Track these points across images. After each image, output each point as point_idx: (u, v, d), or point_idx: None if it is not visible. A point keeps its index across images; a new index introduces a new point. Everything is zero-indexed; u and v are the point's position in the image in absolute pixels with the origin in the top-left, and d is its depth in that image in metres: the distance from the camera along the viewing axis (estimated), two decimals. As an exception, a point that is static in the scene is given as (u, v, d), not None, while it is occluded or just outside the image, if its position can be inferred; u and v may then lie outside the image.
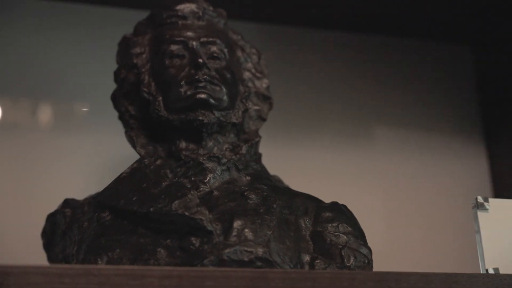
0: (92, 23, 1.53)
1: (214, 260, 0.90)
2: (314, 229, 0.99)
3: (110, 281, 0.78)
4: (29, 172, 1.45)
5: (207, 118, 1.04)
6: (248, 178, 1.04)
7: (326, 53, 1.67)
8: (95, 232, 0.98)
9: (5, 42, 1.49)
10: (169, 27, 1.10)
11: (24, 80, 1.49)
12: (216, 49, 1.09)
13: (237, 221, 0.93)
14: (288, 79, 1.61)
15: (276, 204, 0.98)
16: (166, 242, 0.94)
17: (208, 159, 1.02)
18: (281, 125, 1.55)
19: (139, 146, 1.07)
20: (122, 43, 1.15)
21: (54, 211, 1.10)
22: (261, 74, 1.15)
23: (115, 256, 0.93)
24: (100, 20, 1.53)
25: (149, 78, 1.09)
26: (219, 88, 1.05)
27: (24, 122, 1.51)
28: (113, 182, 1.03)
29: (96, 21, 1.53)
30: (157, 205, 0.96)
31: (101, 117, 1.50)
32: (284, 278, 0.84)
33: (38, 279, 0.77)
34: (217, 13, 1.14)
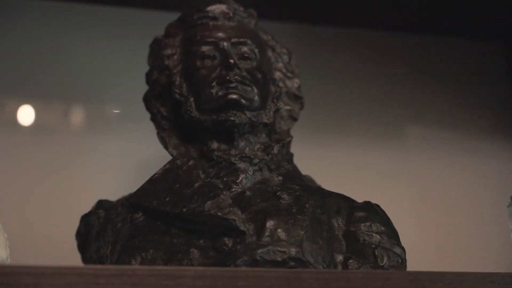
0: (124, 25, 1.54)
1: (247, 260, 0.90)
2: (347, 228, 0.98)
3: (144, 281, 0.79)
4: (62, 174, 1.46)
5: (238, 119, 1.04)
6: (280, 178, 1.04)
7: (357, 53, 1.66)
8: (128, 232, 0.99)
9: (37, 45, 1.51)
10: (200, 28, 1.10)
11: (56, 82, 1.51)
12: (247, 50, 1.09)
13: (270, 221, 0.93)
14: (319, 78, 1.60)
15: (308, 204, 0.98)
16: (199, 242, 0.95)
17: (240, 159, 1.02)
18: (312, 124, 1.55)
19: (171, 147, 1.07)
20: (154, 44, 1.15)
21: (88, 212, 1.11)
22: (292, 74, 1.15)
23: (149, 257, 0.94)
24: (131, 22, 1.54)
25: (180, 79, 1.09)
26: (250, 88, 1.05)
27: (57, 124, 1.52)
28: (146, 183, 1.04)
29: (127, 23, 1.54)
30: (190, 206, 0.96)
31: (132, 119, 1.50)
32: (318, 278, 0.83)
33: (73, 280, 0.77)
34: (248, 14, 1.14)
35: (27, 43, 1.50)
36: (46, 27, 1.51)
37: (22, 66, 1.49)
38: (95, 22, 1.54)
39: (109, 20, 1.54)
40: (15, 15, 1.50)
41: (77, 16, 1.53)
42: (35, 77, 1.50)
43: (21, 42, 1.50)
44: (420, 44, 1.71)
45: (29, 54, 1.50)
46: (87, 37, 1.53)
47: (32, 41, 1.50)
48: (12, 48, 1.49)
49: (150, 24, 1.36)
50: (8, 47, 1.49)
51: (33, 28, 1.51)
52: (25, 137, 1.49)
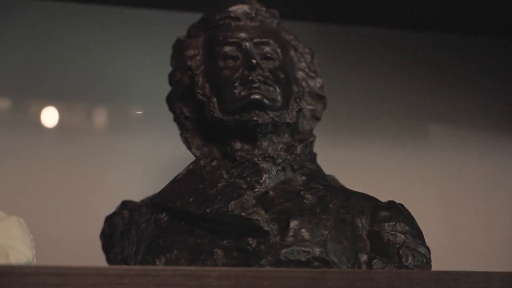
0: (146, 26, 1.55)
1: (271, 260, 0.90)
2: (371, 228, 0.98)
3: (168, 281, 0.79)
4: (86, 175, 1.47)
5: (261, 119, 1.04)
6: (303, 178, 1.04)
7: (379, 51, 1.66)
8: (152, 233, 0.99)
9: (60, 47, 1.51)
10: (222, 29, 1.10)
11: (79, 84, 1.52)
12: (269, 50, 1.08)
13: (293, 221, 0.93)
14: (342, 77, 1.60)
15: (332, 203, 0.98)
16: (223, 242, 0.95)
17: (263, 159, 1.02)
18: (335, 124, 1.55)
19: (194, 147, 1.08)
20: (176, 45, 1.16)
21: (112, 213, 1.11)
22: (315, 74, 1.15)
23: (173, 257, 0.94)
24: (154, 24, 1.55)
25: (203, 80, 1.09)
26: (273, 88, 1.05)
27: (80, 125, 1.53)
28: (170, 184, 1.04)
29: (150, 24, 1.55)
30: (214, 206, 0.96)
31: (155, 120, 1.51)
32: (342, 278, 0.83)
33: (98, 280, 0.78)
34: (270, 14, 1.14)
35: (50, 46, 1.51)
36: (69, 29, 1.52)
37: (45, 68, 1.50)
38: (118, 24, 1.54)
39: (132, 21, 1.55)
40: (37, 18, 1.51)
41: (100, 18, 1.54)
42: (58, 79, 1.51)
43: (44, 44, 1.51)
44: (443, 42, 1.70)
45: (52, 56, 1.51)
46: (110, 39, 1.54)
47: (55, 44, 1.51)
48: (35, 51, 1.50)
49: (172, 25, 1.37)
50: (31, 50, 1.50)
51: (56, 31, 1.52)
52: (49, 138, 1.50)
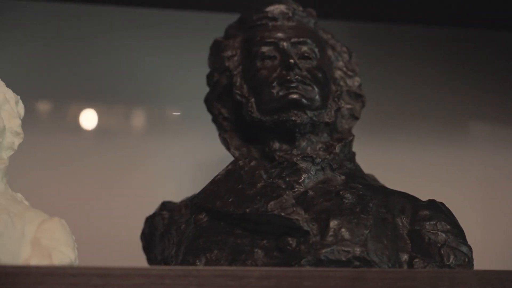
0: (184, 27, 1.55)
1: (312, 260, 0.90)
2: (411, 227, 0.98)
3: (209, 282, 0.79)
4: (125, 176, 1.48)
5: (300, 118, 1.04)
6: (342, 178, 1.03)
7: (417, 49, 1.64)
8: (192, 233, 0.99)
9: (99, 49, 1.53)
10: (259, 29, 1.10)
11: (117, 86, 1.53)
12: (307, 49, 1.08)
13: (333, 220, 0.93)
14: (380, 76, 1.59)
15: (372, 203, 0.97)
16: (262, 242, 0.95)
17: (302, 159, 1.02)
18: (374, 123, 1.54)
19: (233, 148, 1.08)
20: (214, 46, 1.16)
21: (152, 214, 1.12)
22: (353, 73, 1.14)
23: (213, 257, 0.94)
24: (191, 25, 1.55)
25: (241, 80, 1.10)
26: (311, 88, 1.05)
27: (118, 127, 1.54)
28: (209, 184, 1.04)
29: (187, 25, 1.55)
30: (253, 206, 0.96)
31: (192, 121, 1.52)
32: (383, 278, 0.83)
33: (139, 281, 0.78)
34: (307, 13, 1.14)
35: (88, 49, 1.52)
36: (107, 32, 1.53)
37: (84, 71, 1.52)
38: (155, 26, 1.55)
39: (169, 23, 1.55)
40: (76, 21, 1.53)
41: (138, 20, 1.55)
42: (97, 82, 1.52)
43: (82, 47, 1.52)
44: (482, 39, 1.68)
45: (91, 59, 1.52)
46: (147, 41, 1.55)
47: (93, 46, 1.53)
48: (74, 54, 1.52)
49: (210, 26, 1.37)
50: (70, 53, 1.51)
51: (94, 34, 1.53)
52: (88, 141, 1.52)
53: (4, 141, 0.93)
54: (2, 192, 0.89)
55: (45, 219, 0.88)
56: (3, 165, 0.91)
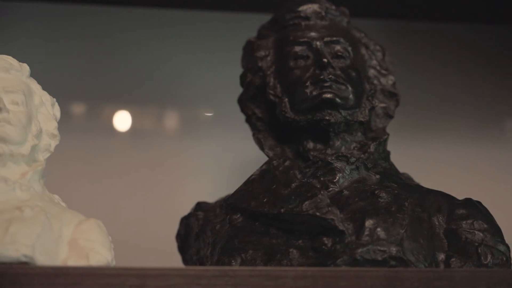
0: (216, 28, 1.56)
1: (347, 260, 0.89)
2: (448, 226, 0.97)
3: (245, 282, 0.80)
4: (159, 177, 1.49)
5: (333, 118, 1.04)
6: (377, 177, 1.03)
7: (452, 46, 1.63)
8: (227, 234, 1.00)
9: (132, 52, 1.54)
10: (292, 29, 1.10)
11: (150, 87, 1.54)
12: (340, 48, 1.08)
13: (368, 220, 0.93)
14: (414, 74, 1.58)
15: (407, 202, 0.97)
16: (298, 242, 0.95)
17: (336, 158, 1.02)
18: (409, 121, 1.53)
19: (267, 148, 1.08)
20: (247, 47, 1.16)
21: (188, 214, 1.13)
22: (386, 71, 1.14)
23: (249, 257, 0.95)
24: (223, 26, 1.56)
25: (274, 80, 1.10)
26: (344, 87, 1.05)
27: (152, 128, 1.55)
28: (243, 184, 1.04)
29: (219, 26, 1.56)
30: (288, 206, 0.96)
31: (225, 121, 1.52)
32: (420, 277, 0.82)
33: (176, 281, 0.79)
34: (340, 12, 1.13)
35: (122, 51, 1.54)
36: (139, 34, 1.54)
37: (118, 73, 1.53)
38: (188, 27, 1.56)
39: (202, 24, 1.56)
40: (108, 24, 1.54)
41: (170, 22, 1.55)
42: (130, 84, 1.53)
43: (116, 50, 1.54)
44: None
45: (124, 61, 1.53)
46: (180, 42, 1.55)
47: (127, 49, 1.54)
48: (107, 57, 1.53)
49: (242, 27, 1.37)
50: (103, 56, 1.53)
51: (126, 36, 1.54)
52: (122, 142, 1.53)
53: (41, 143, 0.94)
54: (39, 194, 0.90)
55: (82, 220, 0.89)
56: (40, 167, 0.92)
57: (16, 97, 0.90)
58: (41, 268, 0.79)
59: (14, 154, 0.89)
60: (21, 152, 0.90)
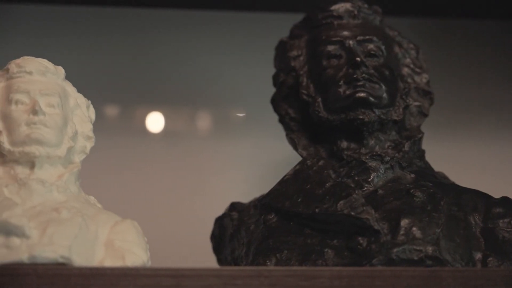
0: (247, 29, 1.56)
1: (383, 259, 0.89)
2: (484, 225, 0.96)
3: (281, 282, 0.80)
4: (193, 178, 1.49)
5: (367, 117, 1.03)
6: (412, 176, 1.02)
7: (487, 44, 1.61)
8: (262, 234, 1.00)
9: (164, 53, 1.54)
10: (325, 28, 1.10)
11: (182, 88, 1.54)
12: (373, 47, 1.08)
13: (404, 219, 0.92)
14: (449, 72, 1.56)
15: (443, 201, 0.96)
16: (333, 242, 0.95)
17: (370, 158, 1.02)
18: (443, 120, 1.51)
19: (300, 147, 1.08)
20: (279, 47, 1.16)
21: (222, 215, 1.13)
22: (420, 69, 1.13)
23: (283, 257, 0.95)
24: (255, 26, 1.56)
25: (307, 80, 1.09)
26: (378, 85, 1.04)
27: (185, 129, 1.56)
28: (277, 185, 1.04)
29: (250, 27, 1.56)
30: (322, 206, 0.96)
31: (257, 122, 1.52)
32: (456, 277, 0.82)
33: (211, 281, 0.79)
34: (372, 11, 1.13)
35: (154, 52, 1.54)
36: (172, 35, 1.55)
37: (150, 74, 1.54)
38: (219, 28, 1.56)
39: (233, 24, 1.56)
40: (141, 26, 1.55)
41: (201, 23, 1.56)
42: (163, 85, 1.54)
43: (148, 51, 1.54)
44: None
45: (157, 62, 1.54)
46: (212, 43, 1.56)
47: (159, 50, 1.54)
48: (140, 58, 1.54)
49: (274, 27, 1.37)
50: (136, 58, 1.54)
51: (159, 38, 1.55)
52: (155, 143, 1.54)
53: (77, 145, 0.95)
54: (75, 195, 0.91)
55: (118, 221, 0.89)
56: (76, 168, 0.93)
57: (52, 100, 0.91)
58: (78, 269, 0.79)
59: (51, 156, 0.90)
60: (57, 154, 0.91)
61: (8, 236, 0.81)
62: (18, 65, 0.93)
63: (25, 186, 0.87)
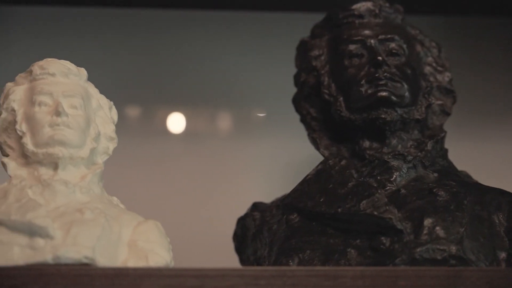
0: (267, 29, 1.56)
1: (406, 259, 0.89)
2: (508, 225, 0.95)
3: (304, 282, 0.80)
4: (214, 178, 1.49)
5: (389, 116, 1.03)
6: (435, 175, 1.02)
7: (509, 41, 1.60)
8: (284, 234, 1.00)
9: (184, 54, 1.55)
10: (346, 27, 1.10)
11: (203, 89, 1.54)
12: (395, 46, 1.07)
13: (427, 219, 0.92)
14: (471, 70, 1.55)
15: (466, 200, 0.96)
16: (355, 242, 0.95)
17: (393, 157, 1.01)
18: (466, 118, 1.50)
19: (322, 147, 1.08)
20: (300, 46, 1.16)
21: (244, 215, 1.13)
22: (443, 68, 1.12)
23: (306, 257, 0.95)
24: (274, 26, 1.56)
25: (328, 80, 1.09)
26: (400, 84, 1.04)
27: (205, 130, 1.56)
28: (300, 184, 1.04)
29: (270, 27, 1.56)
30: (345, 206, 0.96)
31: (278, 121, 1.52)
32: (480, 276, 0.81)
33: (235, 281, 0.79)
34: (394, 9, 1.12)
35: (175, 53, 1.55)
36: (191, 36, 1.55)
37: (171, 75, 1.54)
38: (239, 28, 1.56)
39: (253, 25, 1.56)
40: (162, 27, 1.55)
41: (222, 23, 1.56)
42: (183, 86, 1.54)
43: (169, 52, 1.55)
44: None
45: (177, 63, 1.54)
46: (231, 43, 1.56)
47: (179, 51, 1.55)
48: (161, 59, 1.54)
49: (294, 27, 1.37)
50: (156, 58, 1.54)
51: (180, 38, 1.55)
52: (176, 144, 1.54)
53: (99, 146, 0.95)
54: (98, 196, 0.91)
55: (141, 222, 0.90)
56: (99, 169, 0.94)
57: (74, 101, 0.92)
58: (101, 269, 0.80)
59: (74, 157, 0.90)
60: (80, 155, 0.91)
61: (33, 237, 0.82)
62: (41, 67, 0.94)
63: (48, 187, 0.87)
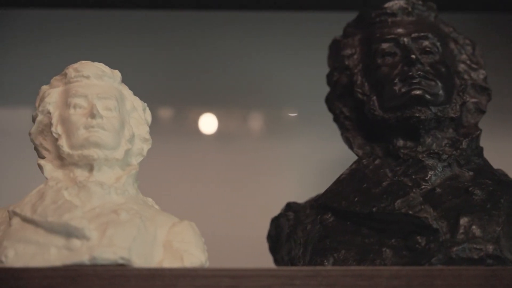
0: (298, 28, 1.56)
1: (442, 258, 0.89)
2: (545, 224, 0.94)
3: (339, 282, 0.79)
4: (247, 179, 1.49)
5: (423, 115, 1.02)
6: (471, 174, 1.01)
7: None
8: (319, 234, 1.00)
9: (217, 55, 1.55)
10: (378, 26, 1.09)
11: (235, 90, 1.55)
12: (428, 44, 1.06)
13: (463, 218, 0.91)
14: (506, 68, 1.54)
15: (503, 199, 0.95)
16: (391, 241, 0.94)
17: (427, 156, 1.01)
18: (501, 116, 1.49)
19: (356, 146, 1.07)
20: (333, 46, 1.16)
21: (278, 215, 1.13)
22: (477, 65, 1.11)
23: (341, 257, 0.95)
24: (306, 25, 1.55)
25: (361, 79, 1.09)
26: (434, 83, 1.03)
27: (237, 130, 1.56)
28: (334, 184, 1.04)
29: (301, 26, 1.56)
30: (380, 205, 0.95)
31: (310, 121, 1.52)
32: (518, 276, 0.80)
33: (270, 282, 0.79)
34: (427, 7, 1.12)
35: (207, 55, 1.55)
36: (224, 37, 1.56)
37: (203, 76, 1.55)
38: (270, 28, 1.56)
39: (284, 25, 1.56)
40: (194, 29, 1.56)
41: (254, 23, 1.56)
42: (215, 87, 1.55)
43: (200, 54, 1.55)
44: None
45: (209, 64, 1.55)
46: (263, 43, 1.56)
47: (211, 52, 1.55)
48: (194, 61, 1.55)
49: (326, 26, 1.37)
50: (189, 60, 1.55)
51: (211, 40, 1.56)
52: (209, 144, 1.55)
53: (134, 148, 0.96)
54: (133, 197, 0.92)
55: (176, 222, 0.90)
56: (134, 170, 0.94)
57: (109, 103, 0.92)
58: (137, 269, 0.80)
59: (109, 158, 0.91)
60: (115, 156, 0.92)
61: (69, 238, 0.82)
62: (75, 69, 0.95)
63: (84, 189, 0.88)
